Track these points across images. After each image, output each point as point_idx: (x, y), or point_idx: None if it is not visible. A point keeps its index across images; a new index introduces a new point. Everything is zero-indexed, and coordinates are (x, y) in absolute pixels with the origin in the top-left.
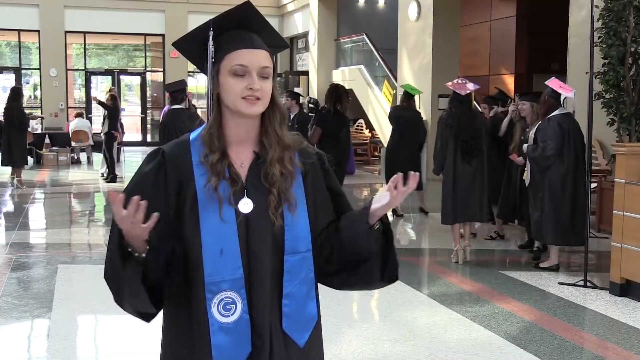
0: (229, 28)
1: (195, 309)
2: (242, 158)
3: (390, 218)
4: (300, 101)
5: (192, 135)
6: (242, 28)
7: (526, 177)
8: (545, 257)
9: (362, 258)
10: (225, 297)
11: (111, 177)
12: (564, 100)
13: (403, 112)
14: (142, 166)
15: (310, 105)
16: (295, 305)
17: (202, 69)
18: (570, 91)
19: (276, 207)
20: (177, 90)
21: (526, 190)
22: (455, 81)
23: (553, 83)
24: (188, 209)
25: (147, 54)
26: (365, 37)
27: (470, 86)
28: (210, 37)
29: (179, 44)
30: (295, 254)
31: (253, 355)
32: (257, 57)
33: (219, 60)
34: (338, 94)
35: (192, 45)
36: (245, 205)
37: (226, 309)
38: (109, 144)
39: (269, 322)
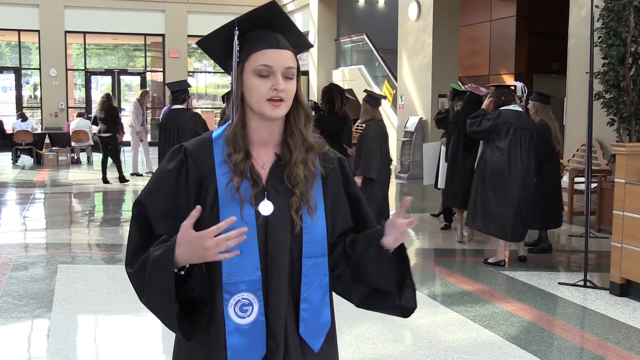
0: (254, 27)
1: (212, 309)
2: (263, 159)
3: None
4: None
5: (215, 133)
6: (267, 28)
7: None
8: (493, 253)
9: (375, 282)
10: (242, 299)
11: (120, 177)
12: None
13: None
14: (164, 163)
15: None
16: (311, 310)
17: (226, 68)
18: (481, 92)
19: (298, 209)
20: (179, 90)
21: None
22: (470, 85)
23: (473, 88)
24: (208, 207)
25: (147, 54)
26: (365, 37)
27: (483, 89)
28: (236, 37)
29: (203, 43)
30: (312, 257)
31: (267, 358)
32: (281, 58)
33: (243, 60)
34: (331, 94)
35: (216, 44)
36: (266, 208)
37: (242, 310)
38: (115, 145)
39: (284, 325)
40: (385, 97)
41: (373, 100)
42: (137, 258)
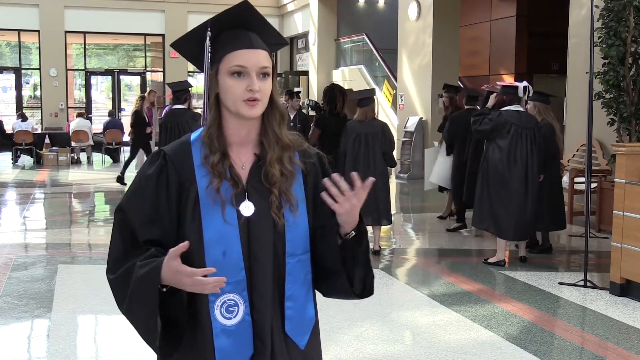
0: (228, 28)
1: (198, 311)
2: (242, 159)
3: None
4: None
5: (193, 135)
6: (240, 27)
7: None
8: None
9: (333, 269)
10: (228, 300)
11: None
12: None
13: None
14: (144, 168)
15: (309, 106)
16: (296, 308)
17: (201, 69)
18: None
19: (278, 207)
20: (180, 90)
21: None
22: (485, 86)
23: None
24: (190, 210)
25: (147, 54)
26: (365, 37)
27: (497, 86)
28: (208, 38)
29: (177, 45)
30: (296, 255)
31: (254, 358)
32: (255, 57)
33: (217, 61)
34: (332, 94)
35: (190, 46)
36: (247, 209)
37: (229, 311)
38: (132, 146)
39: (270, 324)
40: (373, 92)
41: (357, 100)
42: (119, 265)
